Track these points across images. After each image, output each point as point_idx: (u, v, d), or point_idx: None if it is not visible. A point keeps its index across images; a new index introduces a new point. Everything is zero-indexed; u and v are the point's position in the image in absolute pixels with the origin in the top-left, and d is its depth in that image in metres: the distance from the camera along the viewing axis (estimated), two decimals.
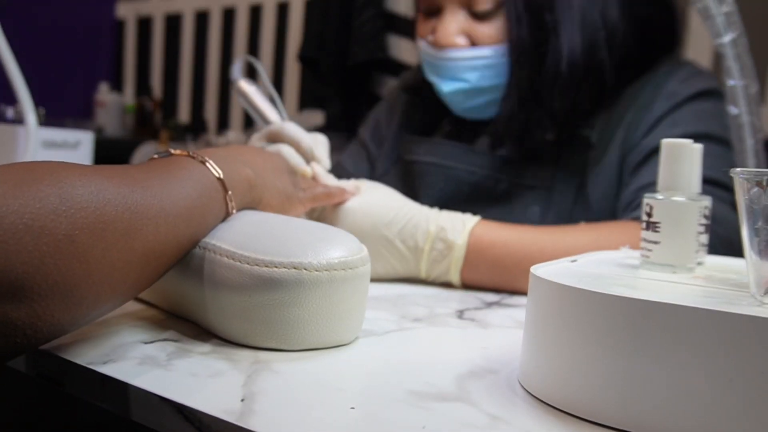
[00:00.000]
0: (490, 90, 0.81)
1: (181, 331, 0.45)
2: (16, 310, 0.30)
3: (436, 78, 0.83)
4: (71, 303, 0.33)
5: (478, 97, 0.82)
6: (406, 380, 0.38)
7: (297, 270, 0.41)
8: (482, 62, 0.79)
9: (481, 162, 0.82)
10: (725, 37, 0.75)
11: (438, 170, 0.83)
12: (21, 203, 0.31)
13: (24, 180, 0.32)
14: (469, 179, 0.82)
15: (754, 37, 0.83)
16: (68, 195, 0.33)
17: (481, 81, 0.80)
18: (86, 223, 0.33)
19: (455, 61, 0.80)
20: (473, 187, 0.82)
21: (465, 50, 0.80)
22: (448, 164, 0.83)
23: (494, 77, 0.80)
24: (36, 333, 0.32)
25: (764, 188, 0.32)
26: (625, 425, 0.31)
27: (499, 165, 0.82)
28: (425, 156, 0.85)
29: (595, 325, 0.32)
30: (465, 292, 0.64)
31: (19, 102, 0.77)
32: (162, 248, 0.39)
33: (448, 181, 0.82)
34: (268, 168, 0.55)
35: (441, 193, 0.82)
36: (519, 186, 0.81)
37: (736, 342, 0.29)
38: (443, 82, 0.82)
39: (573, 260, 0.44)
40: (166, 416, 0.34)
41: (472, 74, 0.80)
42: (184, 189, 0.41)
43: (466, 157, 0.83)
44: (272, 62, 2.90)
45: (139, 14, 3.29)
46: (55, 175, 0.33)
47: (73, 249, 0.32)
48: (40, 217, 0.31)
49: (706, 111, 0.78)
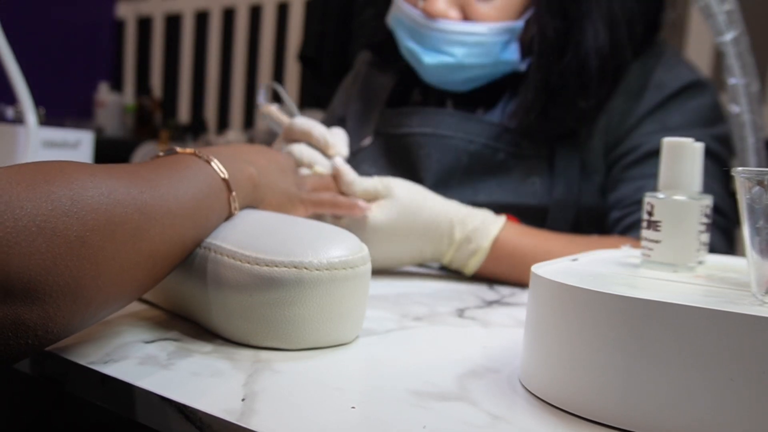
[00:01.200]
0: (473, 68, 0.79)
1: (182, 331, 0.45)
2: (29, 311, 0.30)
3: (416, 46, 0.80)
4: (82, 304, 0.33)
5: (459, 73, 0.80)
6: (407, 379, 0.38)
7: (297, 269, 0.41)
8: (474, 38, 0.78)
9: (479, 130, 0.80)
10: (726, 36, 0.75)
11: (435, 141, 0.81)
12: (34, 205, 0.31)
13: (36, 181, 0.32)
14: (467, 148, 0.80)
15: (755, 36, 0.83)
16: (79, 196, 0.33)
17: (467, 58, 0.78)
18: (97, 225, 0.33)
19: (444, 33, 0.78)
20: (472, 157, 0.80)
21: (458, 23, 0.78)
22: (444, 133, 0.80)
23: (482, 56, 0.78)
24: (47, 334, 0.32)
25: (765, 187, 0.32)
26: (625, 424, 0.31)
27: (496, 134, 0.80)
28: (419, 127, 0.82)
29: (596, 324, 0.32)
30: (465, 291, 0.64)
31: (19, 102, 0.77)
32: (168, 249, 0.39)
33: (445, 152, 0.80)
34: (272, 167, 0.55)
35: (439, 164, 0.80)
36: (517, 156, 0.80)
37: (736, 341, 0.28)
38: (425, 53, 0.79)
39: (574, 259, 0.44)
40: (167, 416, 0.34)
41: (459, 49, 0.78)
42: (190, 190, 0.41)
43: (462, 126, 0.81)
44: (272, 62, 2.90)
45: (139, 14, 3.29)
46: (67, 176, 0.33)
47: (84, 250, 0.32)
48: (52, 219, 0.31)
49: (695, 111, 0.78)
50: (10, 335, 0.30)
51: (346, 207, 0.62)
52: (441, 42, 0.78)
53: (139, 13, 3.28)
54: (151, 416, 0.35)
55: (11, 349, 0.31)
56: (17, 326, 0.30)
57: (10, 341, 0.30)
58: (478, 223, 0.66)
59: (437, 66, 0.79)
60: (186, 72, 3.17)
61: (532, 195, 0.78)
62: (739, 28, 0.75)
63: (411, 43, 0.81)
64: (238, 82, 3.01)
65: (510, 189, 0.78)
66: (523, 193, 0.78)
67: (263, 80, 2.91)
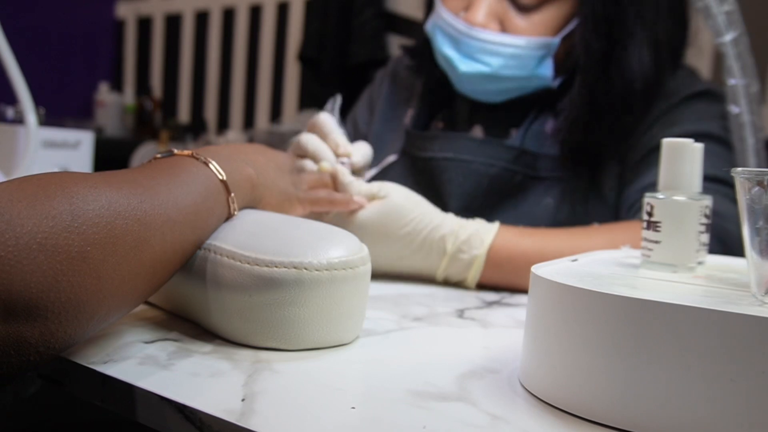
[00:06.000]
0: (507, 79, 0.80)
1: (181, 331, 0.45)
2: (31, 329, 0.30)
3: (453, 53, 0.81)
4: (84, 318, 0.33)
5: (492, 84, 0.81)
6: (407, 380, 0.38)
7: (297, 270, 0.41)
8: (511, 50, 0.78)
9: (499, 154, 0.81)
10: (726, 36, 0.75)
11: (456, 165, 0.82)
12: (34, 223, 0.31)
13: (37, 198, 0.32)
14: (488, 172, 0.81)
15: (755, 36, 0.83)
16: (80, 211, 0.33)
17: (503, 69, 0.79)
18: (98, 239, 0.33)
19: (483, 42, 0.78)
20: (492, 180, 0.81)
21: (497, 34, 0.78)
22: (465, 158, 0.81)
23: (517, 68, 0.79)
24: (48, 350, 0.32)
25: (765, 188, 0.32)
26: (625, 425, 0.31)
27: (514, 157, 0.81)
28: (441, 152, 0.83)
29: (596, 324, 0.32)
30: (466, 292, 0.64)
31: (19, 102, 0.77)
32: (169, 257, 0.39)
33: (467, 176, 0.81)
34: (271, 167, 0.55)
35: (461, 188, 0.81)
36: (533, 178, 0.80)
37: (736, 342, 0.28)
38: (462, 61, 0.80)
39: (574, 260, 0.44)
40: (166, 416, 0.34)
41: (496, 59, 0.79)
42: (189, 194, 0.41)
43: (483, 150, 0.82)
44: (272, 62, 2.90)
45: (139, 14, 3.29)
46: (67, 189, 0.33)
47: (85, 266, 0.32)
48: (53, 235, 0.31)
49: (705, 111, 0.79)
50: (12, 353, 0.30)
51: (343, 203, 0.62)
52: (478, 51, 0.79)
53: (139, 13, 3.28)
54: (151, 416, 0.35)
55: (12, 366, 0.31)
56: (19, 344, 0.30)
57: (12, 359, 0.30)
58: (471, 232, 0.65)
59: (472, 74, 0.80)
60: (186, 72, 3.17)
61: (546, 217, 0.78)
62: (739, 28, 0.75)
63: (449, 50, 0.81)
64: (238, 82, 3.01)
65: (525, 210, 0.79)
66: (538, 216, 0.78)
67: (263, 80, 2.92)
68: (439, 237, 0.64)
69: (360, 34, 2.20)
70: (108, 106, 3.01)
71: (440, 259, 0.65)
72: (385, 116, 0.95)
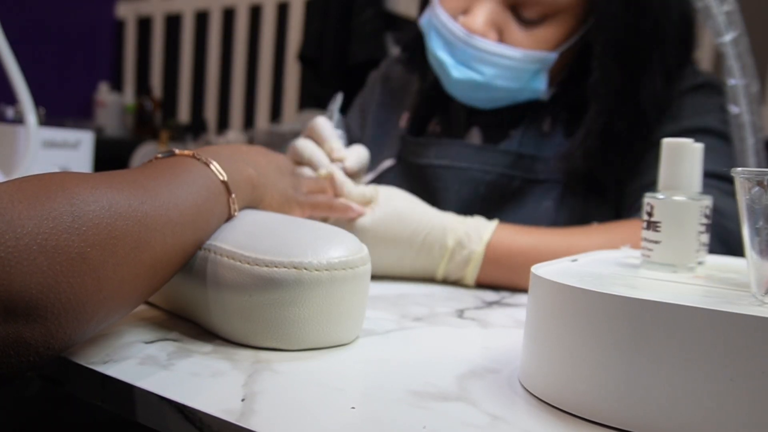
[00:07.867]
0: (499, 90, 0.79)
1: (181, 331, 0.45)
2: (31, 330, 0.30)
3: (448, 58, 0.80)
4: (83, 319, 0.33)
5: (482, 92, 0.80)
6: (407, 380, 0.38)
7: (297, 270, 0.41)
8: (506, 62, 0.78)
9: (495, 160, 0.81)
10: (726, 36, 0.75)
11: (453, 173, 0.82)
12: (35, 224, 0.31)
13: (38, 199, 0.32)
14: (485, 179, 0.81)
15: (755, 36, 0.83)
16: (81, 212, 0.33)
17: (496, 79, 0.78)
18: (98, 240, 0.33)
19: (479, 51, 0.77)
20: (489, 187, 0.81)
21: (495, 44, 0.77)
22: (462, 165, 0.81)
23: (510, 79, 0.78)
24: (48, 350, 0.32)
25: (765, 188, 0.32)
26: (625, 425, 0.31)
27: (511, 162, 0.80)
28: (437, 159, 0.83)
29: (596, 324, 0.32)
30: (465, 292, 0.64)
31: (19, 102, 0.77)
32: (169, 258, 0.39)
33: (464, 183, 0.81)
34: (271, 168, 0.55)
35: (458, 195, 0.81)
36: (531, 182, 0.80)
37: (736, 342, 0.28)
38: (456, 66, 0.79)
39: (573, 260, 0.44)
40: (166, 416, 0.34)
41: (490, 69, 0.78)
42: (190, 196, 0.41)
43: (479, 156, 0.81)
44: (272, 62, 2.90)
45: (139, 14, 3.29)
46: (67, 190, 0.33)
47: (85, 266, 0.32)
48: (53, 236, 0.31)
49: (704, 104, 0.79)
50: (12, 353, 0.30)
51: (341, 210, 0.62)
52: (474, 59, 0.78)
53: (139, 13, 3.28)
54: (151, 416, 0.35)
55: (12, 367, 0.31)
56: (19, 345, 0.30)
57: (12, 359, 0.30)
58: (470, 228, 0.65)
59: (464, 81, 0.79)
60: (186, 72, 3.17)
61: (545, 220, 0.78)
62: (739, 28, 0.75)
63: (443, 54, 0.80)
64: (238, 82, 3.01)
65: (524, 215, 0.78)
66: (537, 219, 0.78)
67: (263, 80, 2.92)
68: (440, 235, 0.65)
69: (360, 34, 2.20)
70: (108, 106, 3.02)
71: (441, 256, 0.65)
72: (379, 120, 0.95)
